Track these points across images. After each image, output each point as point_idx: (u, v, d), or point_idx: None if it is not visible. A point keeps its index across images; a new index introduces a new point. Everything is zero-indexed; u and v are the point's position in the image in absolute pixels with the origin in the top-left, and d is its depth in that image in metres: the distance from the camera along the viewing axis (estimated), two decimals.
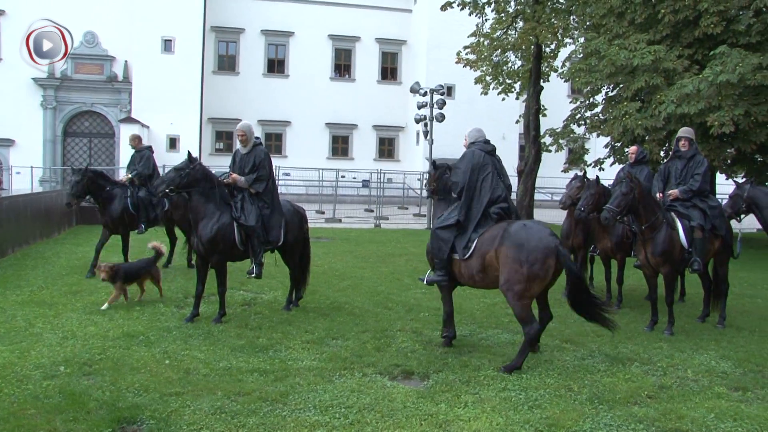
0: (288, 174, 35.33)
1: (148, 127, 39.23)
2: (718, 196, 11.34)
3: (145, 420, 5.33)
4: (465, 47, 28.90)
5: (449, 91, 39.15)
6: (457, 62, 29.06)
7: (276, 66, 45.48)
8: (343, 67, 46.70)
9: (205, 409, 5.55)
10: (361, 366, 6.89)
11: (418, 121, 27.14)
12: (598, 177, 9.59)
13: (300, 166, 36.54)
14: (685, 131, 9.81)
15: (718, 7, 19.98)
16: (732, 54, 18.26)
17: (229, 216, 8.74)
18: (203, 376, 6.44)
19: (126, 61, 40.45)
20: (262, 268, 9.10)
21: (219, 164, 33.03)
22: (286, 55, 45.40)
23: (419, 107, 26.93)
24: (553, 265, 6.90)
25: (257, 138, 9.46)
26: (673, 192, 9.40)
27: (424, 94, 26.69)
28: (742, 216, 10.16)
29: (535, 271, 6.84)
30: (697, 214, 9.14)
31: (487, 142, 8.26)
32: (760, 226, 10.57)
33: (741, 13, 21.13)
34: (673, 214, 9.16)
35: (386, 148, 47.30)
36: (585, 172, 11.18)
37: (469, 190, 7.65)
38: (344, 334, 8.20)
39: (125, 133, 39.17)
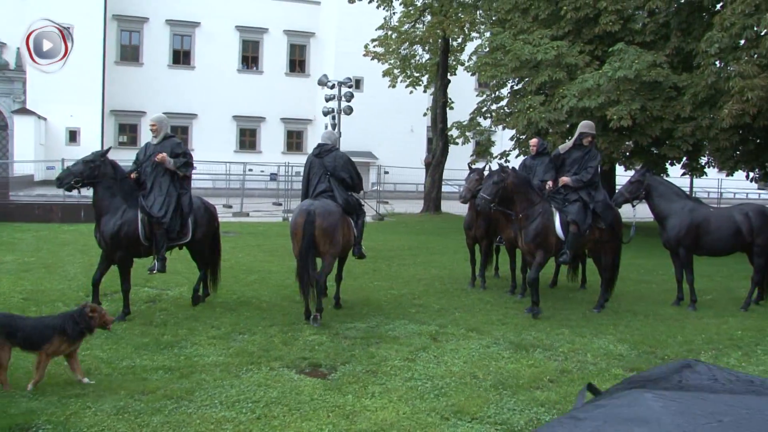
0: (195, 168, 34.62)
1: (45, 119, 37.68)
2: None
3: (41, 425, 5.05)
4: (373, 40, 29.00)
5: (358, 83, 39.17)
6: (365, 55, 29.14)
7: (181, 57, 44.49)
8: (250, 59, 46.12)
9: (107, 410, 5.35)
10: (268, 360, 6.80)
11: (326, 114, 27.00)
12: (501, 165, 9.74)
13: (207, 160, 35.79)
14: (590, 127, 10.13)
15: (615, 6, 20.72)
16: (629, 51, 18.98)
17: (134, 211, 8.41)
18: (105, 376, 6.21)
19: (18, 48, 38.56)
20: (166, 263, 8.77)
21: (122, 158, 32.19)
22: (192, 46, 44.47)
23: (327, 100, 26.81)
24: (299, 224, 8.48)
25: (171, 134, 9.25)
26: (565, 179, 9.67)
27: (332, 87, 26.59)
28: (636, 202, 10.52)
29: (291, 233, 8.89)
30: (575, 209, 9.39)
31: (320, 146, 9.43)
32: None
33: (637, 12, 22.03)
34: (553, 206, 9.44)
35: (294, 141, 47.03)
36: (489, 166, 11.33)
37: (304, 188, 9.41)
38: (251, 329, 8.08)
39: (20, 125, 37.52)
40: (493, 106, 25.03)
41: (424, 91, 32.50)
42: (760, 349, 7.91)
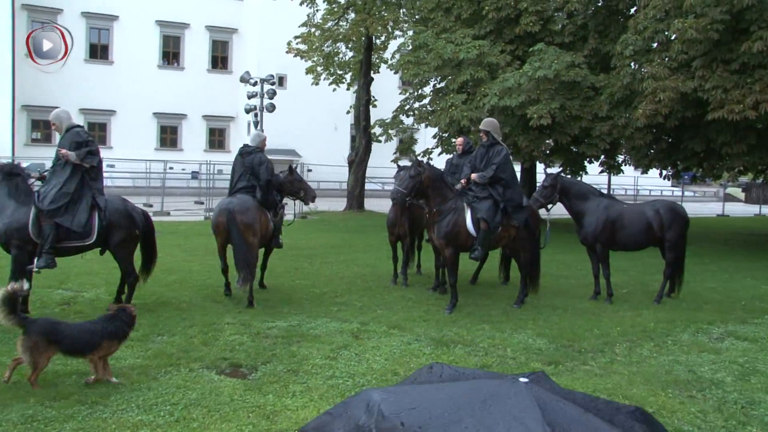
0: (113, 166, 33.60)
1: None
2: None
3: None
4: (296, 37, 28.79)
5: (281, 81, 38.93)
6: (287, 52, 28.90)
7: (99, 51, 43.19)
8: (171, 54, 45.16)
9: (14, 419, 5.12)
10: (187, 361, 6.66)
11: (248, 111, 26.69)
12: (421, 161, 9.77)
13: (126, 158, 34.93)
14: (482, 123, 10.26)
15: (536, 7, 21.17)
16: (549, 51, 19.41)
17: (25, 210, 8.03)
18: (13, 383, 5.97)
19: None
20: (53, 260, 8.14)
21: (36, 156, 30.96)
22: (110, 41, 43.25)
23: (249, 97, 26.50)
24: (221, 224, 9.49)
25: (79, 125, 8.85)
26: (473, 176, 9.78)
27: (255, 84, 26.29)
28: (551, 206, 10.75)
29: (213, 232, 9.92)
30: (485, 206, 9.47)
31: (244, 146, 10.17)
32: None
33: (556, 14, 22.54)
34: (464, 202, 9.57)
35: (217, 138, 46.32)
36: (416, 161, 11.34)
37: (230, 185, 10.19)
38: (170, 330, 7.90)
39: None
40: (416, 105, 25.20)
41: (348, 89, 32.49)
42: (670, 339, 8.20)
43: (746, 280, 13.37)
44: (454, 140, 21.14)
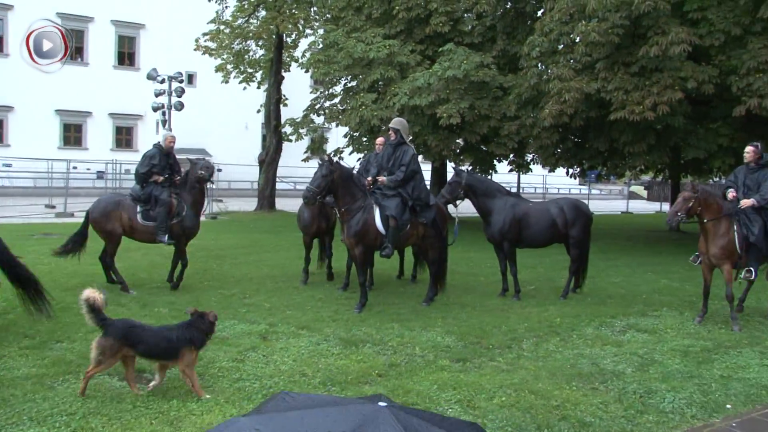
0: (9, 165, 32.11)
1: None
2: None
3: None
4: (204, 34, 28.24)
5: (190, 78, 38.15)
6: (195, 49, 28.32)
7: None
8: (74, 49, 43.47)
9: None
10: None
11: (155, 110, 25.98)
12: (333, 160, 9.71)
13: (26, 157, 33.45)
14: (392, 122, 10.33)
15: (446, 8, 21.43)
16: (458, 51, 19.67)
17: None
18: None
19: None
20: None
21: None
22: (5, 32, 41.11)
23: (157, 95, 25.79)
24: None
25: None
26: (382, 179, 9.82)
27: (162, 82, 25.61)
28: (459, 202, 10.87)
29: None
30: (394, 204, 9.55)
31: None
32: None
33: (466, 15, 22.86)
34: (372, 201, 9.61)
35: (124, 137, 44.92)
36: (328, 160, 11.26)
37: None
38: (70, 336, 7.57)
39: None
40: (327, 104, 25.09)
41: (258, 88, 32.04)
42: (575, 334, 8.39)
43: (647, 275, 13.86)
44: (364, 139, 21.27)
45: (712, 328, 8.99)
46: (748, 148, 9.53)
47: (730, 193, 9.35)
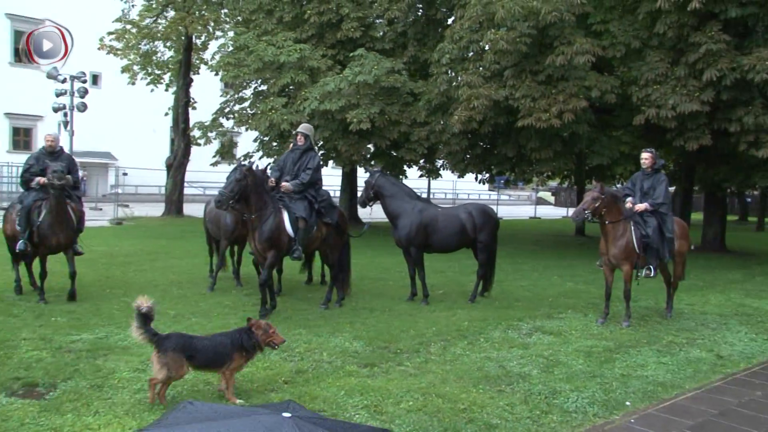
0: None
1: None
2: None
3: None
4: (109, 33, 27.38)
5: (95, 79, 36.89)
6: (100, 48, 27.42)
7: None
8: None
9: None
10: None
11: (56, 111, 24.93)
12: (249, 164, 9.52)
13: None
14: (300, 127, 10.34)
15: (357, 14, 21.47)
16: (369, 57, 19.73)
17: None
18: None
19: None
20: None
21: None
22: None
23: (58, 95, 24.74)
24: None
25: None
26: (286, 185, 9.75)
27: (64, 81, 24.61)
28: (371, 203, 10.87)
29: None
30: (302, 206, 9.59)
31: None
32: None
33: (377, 21, 22.96)
34: (280, 205, 9.54)
35: (22, 138, 42.87)
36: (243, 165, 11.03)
37: None
38: None
39: None
40: (236, 107, 24.70)
41: (166, 90, 31.24)
42: (483, 337, 8.47)
43: (553, 278, 14.18)
44: (274, 144, 21.07)
45: (614, 328, 9.26)
46: (645, 155, 9.94)
47: (628, 203, 9.69)
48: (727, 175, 19.91)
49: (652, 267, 9.48)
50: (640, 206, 9.58)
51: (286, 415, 2.79)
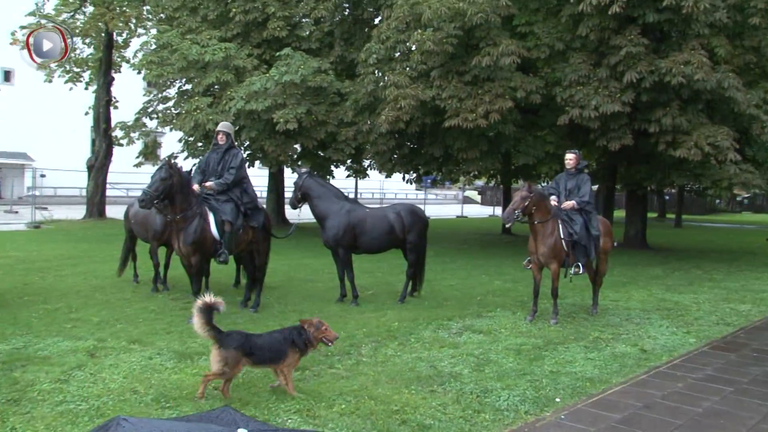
0: None
1: None
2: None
3: None
4: (22, 27, 26.33)
5: (7, 75, 35.50)
6: (12, 44, 26.34)
7: None
8: None
9: None
10: None
11: None
12: (172, 163, 9.28)
13: None
14: (221, 125, 10.19)
15: (284, 13, 21.29)
16: (295, 56, 19.58)
17: None
18: None
19: None
20: None
21: None
22: None
23: None
24: None
25: None
26: (209, 184, 9.60)
27: None
28: (300, 205, 10.77)
29: None
30: (229, 208, 9.46)
31: None
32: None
33: (304, 20, 22.83)
34: (206, 207, 9.37)
35: None
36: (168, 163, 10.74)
37: None
38: None
39: None
40: (160, 107, 24.16)
41: (86, 89, 30.25)
42: (413, 337, 8.45)
43: (481, 277, 14.33)
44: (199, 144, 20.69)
45: (542, 326, 9.39)
46: (570, 156, 10.17)
47: (553, 201, 9.86)
48: (648, 174, 20.51)
49: (580, 264, 9.69)
50: (568, 203, 9.79)
51: (242, 431, 2.67)
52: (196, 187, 9.44)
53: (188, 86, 23.04)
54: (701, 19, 16.24)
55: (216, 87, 21.39)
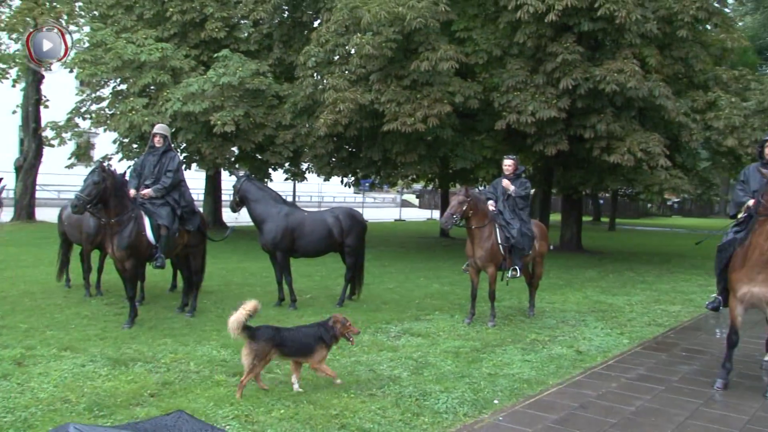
0: None
1: None
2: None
3: None
4: None
5: None
6: None
7: None
8: None
9: None
10: None
11: None
12: (105, 166, 9.07)
13: None
14: (157, 127, 10.05)
15: (222, 13, 21.07)
16: (234, 58, 19.40)
17: None
18: None
19: None
20: None
21: None
22: None
23: None
24: None
25: None
26: (147, 192, 9.46)
27: None
28: (239, 209, 10.68)
29: None
30: (165, 212, 9.34)
31: None
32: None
33: (242, 21, 22.63)
34: (141, 210, 9.22)
35: None
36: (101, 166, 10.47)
37: None
38: None
39: None
40: (94, 107, 23.57)
41: (13, 86, 29.19)
42: None
43: (420, 280, 14.40)
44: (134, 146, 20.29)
45: (480, 328, 9.49)
46: (508, 161, 10.27)
47: (491, 205, 9.97)
48: (583, 179, 20.93)
49: (518, 268, 9.82)
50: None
51: None
52: (132, 192, 9.26)
53: (123, 86, 22.52)
54: (633, 30, 16.71)
55: (152, 88, 21.00)
